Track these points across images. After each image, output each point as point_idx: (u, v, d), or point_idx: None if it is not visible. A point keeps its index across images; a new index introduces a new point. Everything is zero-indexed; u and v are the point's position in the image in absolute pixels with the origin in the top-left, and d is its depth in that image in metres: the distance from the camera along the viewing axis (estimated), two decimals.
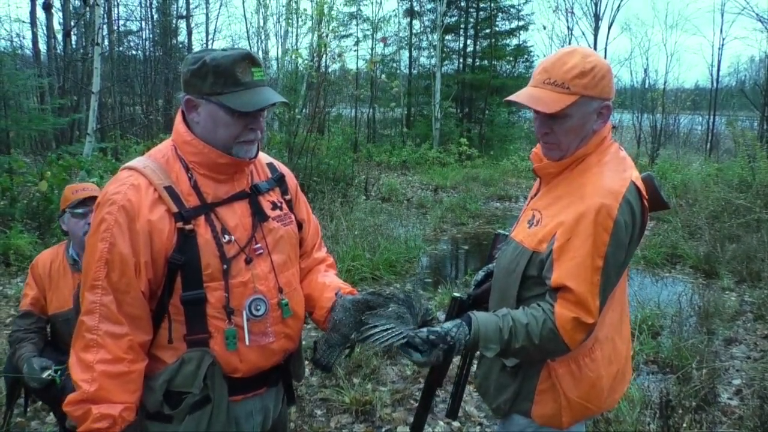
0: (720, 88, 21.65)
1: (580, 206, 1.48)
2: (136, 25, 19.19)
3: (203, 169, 1.50)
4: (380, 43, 20.63)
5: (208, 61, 1.42)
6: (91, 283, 1.40)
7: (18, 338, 2.45)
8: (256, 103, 1.45)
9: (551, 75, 1.54)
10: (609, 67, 1.57)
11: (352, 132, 16.50)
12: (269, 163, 1.72)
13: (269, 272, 1.56)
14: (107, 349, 1.38)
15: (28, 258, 5.73)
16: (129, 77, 17.38)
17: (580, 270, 1.45)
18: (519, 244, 1.62)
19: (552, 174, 1.65)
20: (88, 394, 1.36)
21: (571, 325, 1.46)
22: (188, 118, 1.51)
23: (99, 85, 8.00)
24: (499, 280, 1.70)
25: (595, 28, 18.14)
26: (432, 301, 5.24)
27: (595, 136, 1.59)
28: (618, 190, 1.49)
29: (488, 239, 8.33)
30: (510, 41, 20.96)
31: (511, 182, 13.34)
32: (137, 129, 14.99)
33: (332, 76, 14.10)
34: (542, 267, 1.53)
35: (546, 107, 1.53)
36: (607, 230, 1.45)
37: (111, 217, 1.40)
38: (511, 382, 1.66)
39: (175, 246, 1.43)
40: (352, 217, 7.66)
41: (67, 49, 12.79)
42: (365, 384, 3.58)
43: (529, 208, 1.69)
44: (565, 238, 1.48)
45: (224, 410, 1.48)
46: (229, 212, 1.52)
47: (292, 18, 16.41)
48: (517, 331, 1.48)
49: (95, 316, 1.39)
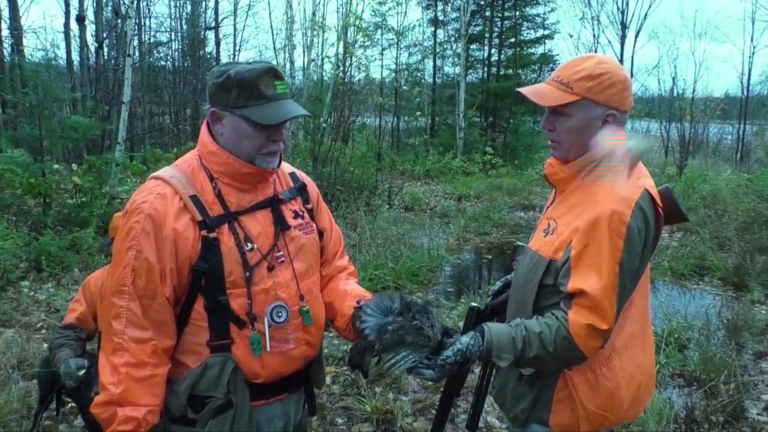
0: (751, 96, 21.24)
1: (593, 213, 1.49)
2: (166, 36, 19.63)
3: (227, 178, 1.54)
4: (412, 48, 20.71)
5: (232, 75, 1.46)
6: (118, 288, 1.44)
7: (59, 344, 2.58)
8: (279, 116, 1.50)
9: (561, 74, 1.59)
10: (624, 78, 1.58)
11: (375, 141, 16.58)
12: (291, 173, 1.76)
13: (291, 280, 1.59)
14: (132, 353, 1.42)
15: (60, 264, 5.88)
16: (158, 87, 17.76)
17: (596, 275, 1.46)
18: (536, 253, 1.63)
19: (562, 180, 1.66)
20: (114, 396, 1.40)
21: (585, 331, 1.46)
22: (213, 129, 1.56)
23: (129, 95, 8.18)
24: (516, 289, 1.71)
25: (621, 37, 17.98)
26: (454, 311, 5.22)
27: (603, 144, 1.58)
28: (630, 197, 1.50)
29: (512, 249, 8.27)
30: (535, 50, 20.83)
31: (535, 192, 13.23)
32: (166, 138, 15.27)
33: (357, 85, 14.21)
34: (558, 275, 1.53)
35: (542, 100, 1.58)
36: (620, 236, 1.46)
37: (138, 226, 1.44)
38: (528, 391, 1.66)
39: (200, 254, 1.47)
40: (375, 226, 7.68)
41: (99, 60, 13.12)
42: (386, 393, 3.58)
43: (545, 218, 1.71)
44: (582, 245, 1.49)
45: (246, 415, 1.51)
46: (252, 221, 1.56)
47: (317, 29, 16.59)
48: (530, 340, 1.49)
49: (122, 321, 1.43)
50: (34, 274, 5.74)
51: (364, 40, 18.82)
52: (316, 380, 1.76)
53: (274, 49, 20.23)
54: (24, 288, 5.28)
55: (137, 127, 14.44)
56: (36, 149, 7.35)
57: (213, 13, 20.27)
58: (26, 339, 4.15)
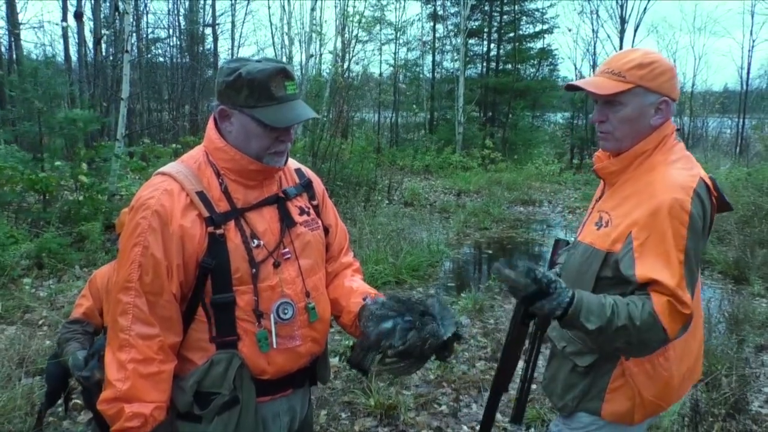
0: (750, 90, 21.23)
1: (652, 203, 1.49)
2: (164, 32, 19.58)
3: (234, 175, 1.54)
4: (413, 43, 20.59)
5: (243, 75, 1.45)
6: (124, 285, 1.44)
7: (66, 339, 2.59)
8: (289, 119, 1.49)
9: (610, 66, 1.62)
10: (672, 68, 1.61)
11: (374, 137, 16.57)
12: (297, 169, 1.76)
13: (297, 276, 1.59)
14: (138, 349, 1.42)
15: (62, 261, 5.88)
16: (157, 83, 17.72)
17: (665, 264, 1.45)
18: (589, 246, 1.64)
19: (614, 173, 1.67)
20: (121, 393, 1.40)
21: (669, 311, 1.45)
22: (221, 126, 1.55)
23: (128, 92, 8.17)
24: (568, 282, 1.65)
25: (620, 31, 17.95)
26: (455, 305, 5.24)
27: (655, 132, 1.61)
28: (688, 185, 1.51)
29: (512, 243, 8.30)
30: (534, 44, 20.87)
31: (534, 186, 13.24)
32: (165, 134, 15.25)
33: (355, 80, 14.19)
34: (617, 267, 1.53)
35: (598, 89, 1.60)
36: (683, 223, 1.47)
37: (145, 222, 1.44)
38: (581, 381, 1.69)
39: (206, 250, 1.47)
40: (375, 221, 7.69)
41: (97, 56, 13.08)
42: (389, 388, 3.59)
43: (594, 211, 1.71)
44: (644, 236, 1.48)
45: (252, 411, 1.51)
46: (258, 217, 1.55)
47: (316, 25, 16.56)
48: (618, 310, 1.46)
49: (128, 317, 1.43)
50: (36, 271, 5.74)
51: (364, 35, 18.84)
52: (321, 375, 1.76)
53: (273, 45, 20.21)
54: (26, 285, 5.28)
55: (136, 124, 14.41)
56: (35, 146, 7.34)
57: (211, 10, 20.22)
58: (29, 336, 4.15)
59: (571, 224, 9.61)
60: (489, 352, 4.28)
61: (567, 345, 1.74)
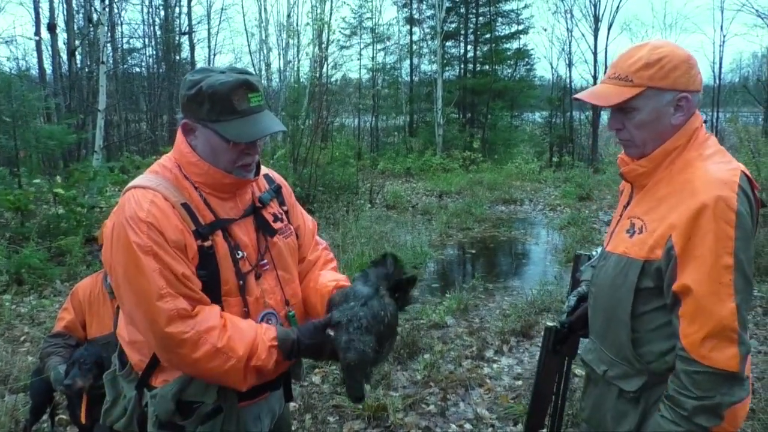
0: (723, 84, 21.63)
1: (693, 203, 1.34)
2: (140, 42, 19.43)
3: (208, 188, 1.52)
4: (389, 44, 20.62)
5: (204, 89, 1.42)
6: (158, 294, 1.36)
7: (48, 353, 2.58)
8: (252, 134, 1.46)
9: (616, 69, 1.48)
10: (687, 57, 1.45)
11: (355, 141, 16.60)
12: (265, 174, 1.74)
13: (276, 286, 1.59)
14: (210, 332, 1.38)
15: (42, 276, 5.81)
16: (134, 94, 17.57)
17: (704, 270, 1.31)
18: (623, 256, 1.48)
19: (643, 175, 1.52)
20: (237, 356, 1.39)
21: (701, 339, 1.30)
22: (187, 139, 1.52)
23: (105, 103, 8.12)
24: (601, 298, 1.56)
25: (594, 30, 18.14)
26: (440, 306, 5.27)
27: (682, 130, 1.46)
28: (731, 180, 1.35)
29: (494, 242, 8.36)
30: (510, 45, 21.07)
31: (515, 185, 13.35)
32: (143, 145, 15.13)
33: (334, 86, 14.21)
34: (659, 275, 1.40)
35: (603, 101, 1.47)
36: (730, 223, 1.30)
37: (143, 235, 1.38)
38: (632, 408, 1.49)
39: (198, 263, 1.45)
40: (357, 225, 7.71)
41: (72, 68, 12.95)
42: (377, 390, 3.61)
43: (624, 218, 1.56)
44: (685, 240, 1.33)
45: (235, 419, 1.52)
46: (239, 229, 1.55)
47: (292, 32, 16.55)
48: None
49: (179, 322, 1.37)
50: (16, 287, 5.66)
51: (342, 40, 18.87)
52: (295, 373, 1.76)
53: (249, 53, 20.14)
54: (6, 302, 5.21)
55: (113, 135, 14.27)
56: (11, 161, 7.25)
57: (187, 18, 20.12)
58: (11, 353, 4.10)
59: (552, 221, 9.71)
60: (475, 351, 4.32)
61: (608, 368, 1.55)
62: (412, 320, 4.85)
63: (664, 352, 1.43)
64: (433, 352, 4.23)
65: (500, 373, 3.99)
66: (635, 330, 1.46)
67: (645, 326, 1.45)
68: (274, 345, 1.44)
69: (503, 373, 4.00)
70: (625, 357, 1.49)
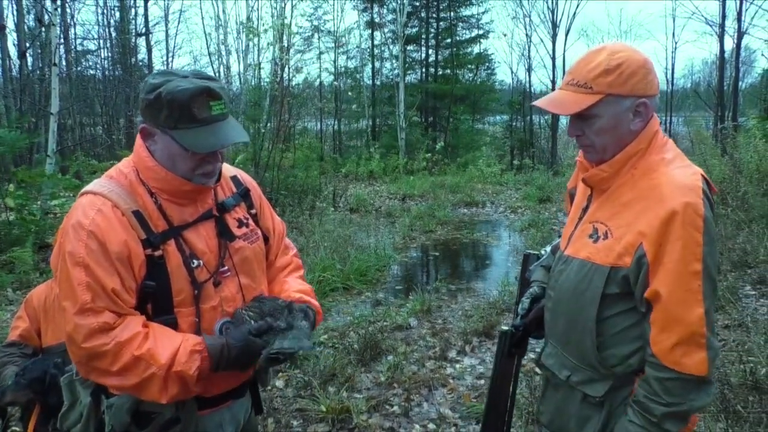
0: (675, 90, 22.38)
1: (661, 210, 1.34)
2: (94, 44, 18.94)
3: (167, 194, 1.48)
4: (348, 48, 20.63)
5: (163, 95, 1.38)
6: (81, 308, 1.34)
7: (3, 362, 2.47)
8: (211, 144, 1.42)
9: (575, 76, 1.45)
10: (644, 62, 1.43)
11: (318, 145, 16.52)
12: (233, 176, 1.70)
13: (237, 293, 1.55)
14: (131, 341, 1.35)
15: None
16: (89, 97, 17.10)
17: (674, 277, 1.32)
18: (586, 261, 1.46)
19: (604, 180, 1.49)
20: (159, 364, 1.36)
21: (672, 346, 1.32)
22: (146, 143, 1.48)
23: (58, 106, 7.86)
24: (563, 303, 1.55)
25: (552, 35, 18.51)
26: (403, 308, 5.29)
27: (642, 134, 1.46)
28: (696, 185, 1.36)
29: (457, 245, 8.44)
30: (471, 50, 21.29)
31: (477, 188, 13.51)
32: (99, 149, 14.74)
33: (296, 89, 14.13)
34: (626, 282, 1.39)
35: (563, 109, 1.46)
36: (698, 229, 1.31)
37: (81, 243, 1.35)
38: (596, 413, 1.49)
39: (146, 273, 1.41)
40: (321, 228, 7.67)
41: (23, 70, 12.53)
42: (340, 392, 3.60)
43: (585, 222, 1.54)
44: (656, 247, 1.34)
45: (192, 428, 1.49)
46: (195, 235, 1.50)
47: (251, 34, 16.40)
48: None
49: (100, 335, 1.35)
50: None
51: (302, 44, 18.78)
52: (261, 378, 1.73)
53: (208, 55, 19.89)
54: None
55: (67, 139, 13.84)
56: None
57: (143, 20, 19.70)
58: None
59: (514, 223, 9.86)
60: (438, 351, 4.34)
61: (572, 374, 1.54)
62: (376, 322, 4.86)
63: (627, 355, 1.43)
64: (396, 353, 4.24)
65: (463, 372, 4.03)
66: (599, 334, 1.45)
67: (609, 330, 1.45)
68: (197, 350, 1.39)
69: (466, 372, 4.04)
70: (589, 363, 1.48)
